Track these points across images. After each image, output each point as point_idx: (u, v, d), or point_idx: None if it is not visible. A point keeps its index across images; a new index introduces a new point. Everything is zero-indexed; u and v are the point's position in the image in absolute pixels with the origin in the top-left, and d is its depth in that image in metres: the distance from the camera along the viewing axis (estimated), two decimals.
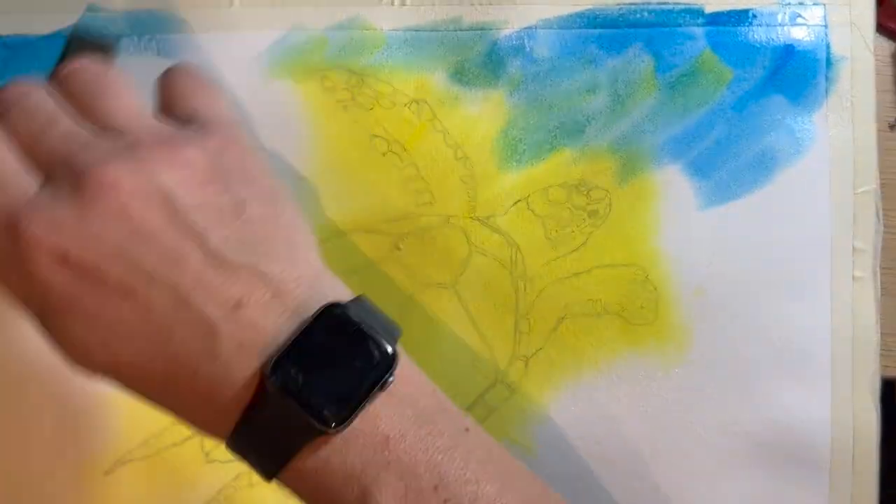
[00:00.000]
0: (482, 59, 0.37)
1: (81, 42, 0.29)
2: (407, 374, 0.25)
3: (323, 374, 0.23)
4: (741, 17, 0.37)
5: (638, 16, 0.37)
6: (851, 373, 0.36)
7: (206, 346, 0.23)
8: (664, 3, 0.37)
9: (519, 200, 0.37)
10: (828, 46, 0.37)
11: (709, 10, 0.37)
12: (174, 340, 0.23)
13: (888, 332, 0.37)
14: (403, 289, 0.37)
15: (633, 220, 0.37)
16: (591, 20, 0.37)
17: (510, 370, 0.37)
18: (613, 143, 0.37)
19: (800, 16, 0.37)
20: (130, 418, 0.36)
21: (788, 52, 0.37)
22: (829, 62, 0.37)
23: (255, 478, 0.36)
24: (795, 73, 0.37)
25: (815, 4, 0.37)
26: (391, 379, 0.24)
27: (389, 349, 0.24)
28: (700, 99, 0.37)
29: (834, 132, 0.37)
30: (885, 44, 0.39)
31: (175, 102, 0.27)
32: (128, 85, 0.27)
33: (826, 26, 0.37)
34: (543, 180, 0.37)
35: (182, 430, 0.36)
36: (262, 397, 0.23)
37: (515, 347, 0.37)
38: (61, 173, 0.24)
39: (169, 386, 0.24)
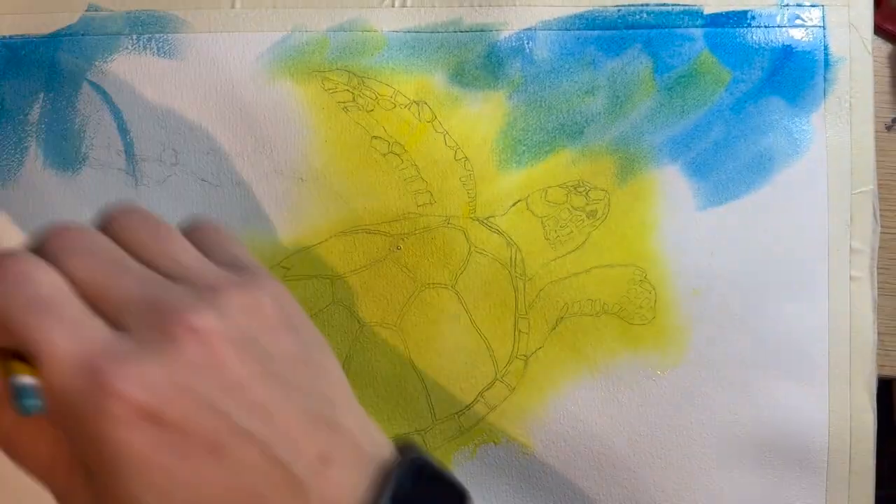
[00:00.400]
0: (482, 61, 0.37)
1: None
2: None
3: None
4: (740, 18, 0.37)
5: (637, 17, 0.37)
6: (849, 372, 0.36)
7: None
8: (663, 5, 0.37)
9: (518, 201, 0.37)
10: (826, 48, 0.37)
11: (707, 11, 0.37)
12: (264, 501, 0.21)
13: (885, 332, 0.37)
14: (403, 289, 0.37)
15: (631, 220, 0.37)
16: (590, 22, 0.37)
17: (510, 369, 0.37)
18: (612, 143, 0.37)
19: (798, 17, 0.37)
20: None
21: (787, 54, 0.37)
22: (827, 63, 0.37)
23: None
24: (794, 75, 0.37)
25: (813, 6, 0.37)
26: None
27: (463, 489, 0.24)
28: (699, 100, 0.37)
29: (832, 133, 0.37)
30: (883, 45, 0.39)
31: (215, 252, 0.25)
32: (178, 232, 0.25)
33: (824, 27, 0.37)
34: (543, 181, 0.37)
35: None
36: None
37: (515, 347, 0.37)
38: (141, 318, 0.21)
39: None
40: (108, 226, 0.24)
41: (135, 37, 0.37)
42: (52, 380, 0.21)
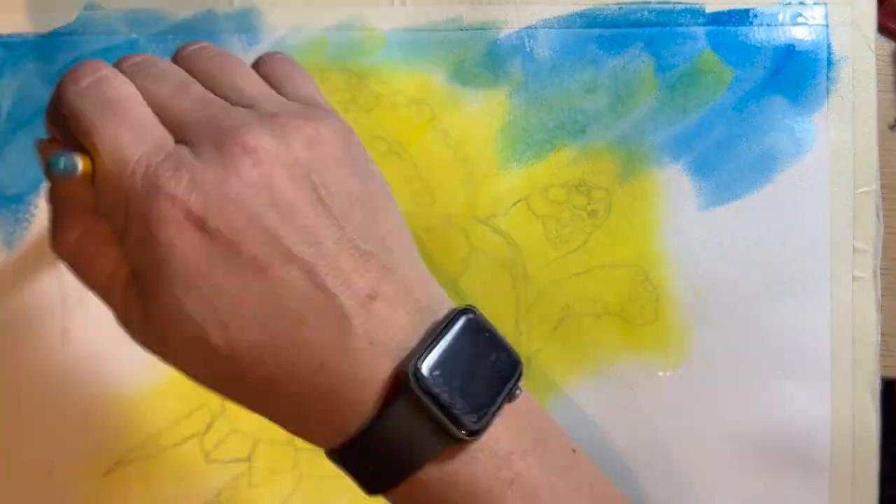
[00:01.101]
0: (482, 59, 0.37)
1: None
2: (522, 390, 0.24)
3: (460, 379, 0.22)
4: (742, 16, 0.37)
5: (638, 15, 0.37)
6: (851, 373, 0.36)
7: (338, 338, 0.21)
8: (665, 3, 0.37)
9: (519, 200, 0.37)
10: (829, 46, 0.37)
11: (709, 9, 0.37)
12: (305, 326, 0.21)
13: (888, 333, 0.37)
14: None
15: (633, 220, 0.37)
16: (591, 20, 0.37)
17: None
18: (614, 142, 0.37)
19: (801, 15, 0.37)
20: (131, 419, 0.36)
21: (789, 52, 0.37)
22: (829, 62, 0.37)
23: (255, 478, 0.36)
24: (796, 73, 0.37)
25: (816, 4, 0.37)
26: (518, 391, 0.23)
27: (518, 358, 0.24)
28: (700, 99, 0.37)
29: (834, 132, 0.37)
30: (886, 44, 0.38)
31: (286, 87, 0.25)
32: (248, 66, 0.26)
33: (827, 26, 0.37)
34: (543, 180, 0.37)
35: (182, 431, 0.36)
36: (395, 400, 0.21)
37: (516, 347, 0.36)
38: (201, 134, 0.22)
39: (285, 380, 0.22)
40: (178, 59, 0.25)
41: (135, 38, 0.37)
42: (110, 176, 0.22)
